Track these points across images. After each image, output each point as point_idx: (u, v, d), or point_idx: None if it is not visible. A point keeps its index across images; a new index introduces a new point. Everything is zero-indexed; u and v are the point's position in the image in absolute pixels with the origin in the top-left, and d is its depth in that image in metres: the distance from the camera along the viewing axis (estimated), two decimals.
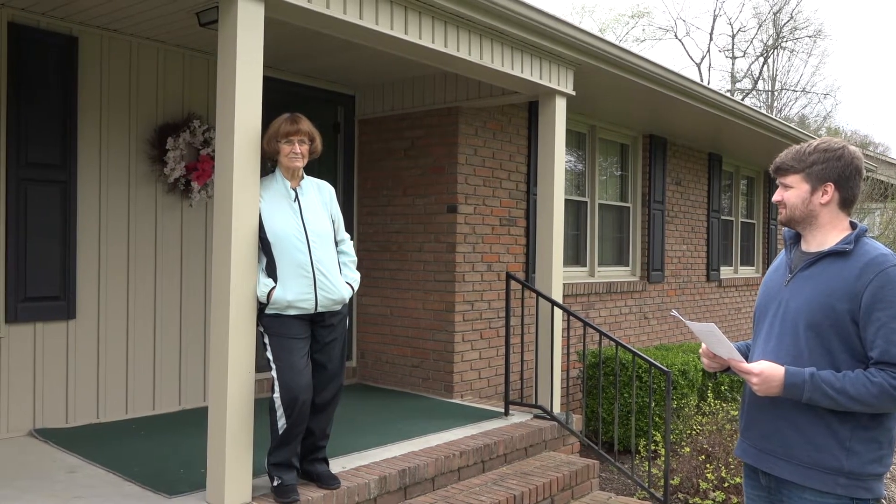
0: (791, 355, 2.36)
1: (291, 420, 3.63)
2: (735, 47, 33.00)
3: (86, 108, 4.96)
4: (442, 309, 6.27)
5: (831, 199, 2.42)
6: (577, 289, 7.63)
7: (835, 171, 2.41)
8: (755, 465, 2.48)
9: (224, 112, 3.59)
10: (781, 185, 2.49)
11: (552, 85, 5.52)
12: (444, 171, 6.27)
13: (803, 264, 2.42)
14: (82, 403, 5.00)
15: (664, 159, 8.98)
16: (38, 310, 4.75)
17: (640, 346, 8.50)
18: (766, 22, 32.12)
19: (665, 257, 9.07)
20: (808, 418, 2.33)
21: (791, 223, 2.48)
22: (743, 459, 2.54)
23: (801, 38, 32.45)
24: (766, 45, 32.04)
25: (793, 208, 2.45)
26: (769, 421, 2.41)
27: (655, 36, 41.62)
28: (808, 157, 2.43)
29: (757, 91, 32.34)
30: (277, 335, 3.66)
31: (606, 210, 8.44)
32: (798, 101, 35.53)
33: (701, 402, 7.32)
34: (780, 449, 2.38)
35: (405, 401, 6.06)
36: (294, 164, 3.73)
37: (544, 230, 5.68)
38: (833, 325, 2.28)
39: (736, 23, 39.88)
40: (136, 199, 5.24)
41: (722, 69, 42.97)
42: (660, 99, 6.95)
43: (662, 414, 6.53)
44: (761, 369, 2.32)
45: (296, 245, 3.65)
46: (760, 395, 2.35)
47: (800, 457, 2.34)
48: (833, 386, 2.24)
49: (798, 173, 2.45)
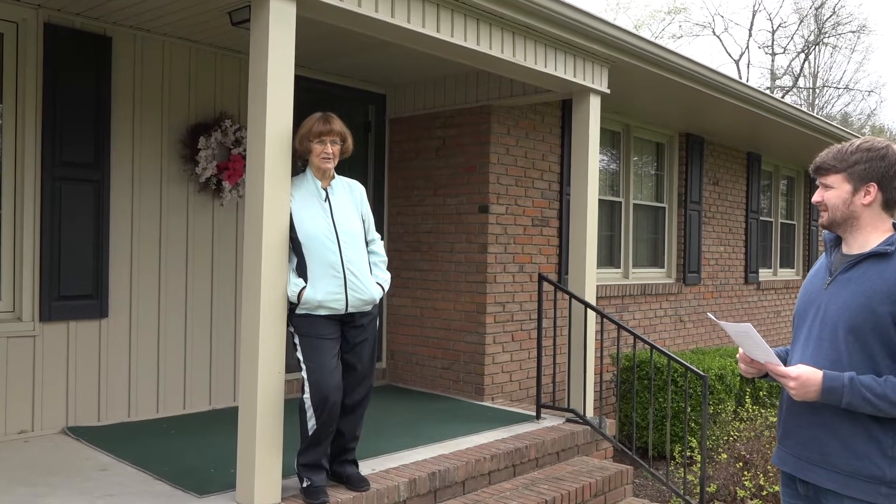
0: (830, 360, 2.33)
1: (321, 421, 3.67)
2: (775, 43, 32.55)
3: (119, 108, 5.05)
4: (473, 310, 6.28)
5: (874, 200, 2.38)
6: (610, 291, 7.59)
7: (878, 172, 2.37)
8: (793, 474, 2.45)
9: (256, 111, 3.63)
10: (822, 185, 2.45)
11: (586, 83, 5.50)
12: (475, 171, 6.28)
13: (843, 267, 2.39)
14: (114, 402, 5.09)
15: (701, 158, 8.89)
16: (72, 308, 4.85)
17: (675, 349, 8.43)
18: (807, 17, 31.66)
19: (702, 259, 8.99)
20: (848, 425, 2.29)
21: (832, 226, 2.45)
22: (781, 467, 2.51)
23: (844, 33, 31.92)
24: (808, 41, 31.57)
25: (833, 209, 2.42)
26: (807, 427, 2.38)
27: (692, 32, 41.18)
28: (851, 157, 2.40)
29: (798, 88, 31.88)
30: (308, 335, 3.70)
31: (641, 210, 8.39)
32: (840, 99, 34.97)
33: (739, 408, 7.24)
34: (819, 457, 2.35)
35: (435, 403, 6.08)
36: (325, 165, 3.76)
37: (577, 231, 5.66)
38: (874, 328, 2.25)
39: (776, 18, 39.39)
40: (168, 199, 5.32)
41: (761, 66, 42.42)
42: (697, 97, 6.89)
43: (698, 419, 6.48)
44: (799, 373, 2.29)
45: (326, 245, 3.68)
46: (798, 400, 2.32)
47: (839, 465, 2.30)
48: (874, 391, 2.21)
49: (839, 173, 2.41)
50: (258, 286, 3.58)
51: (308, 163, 3.83)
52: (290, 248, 3.71)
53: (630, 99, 7.11)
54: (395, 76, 6.47)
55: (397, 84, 6.73)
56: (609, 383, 7.44)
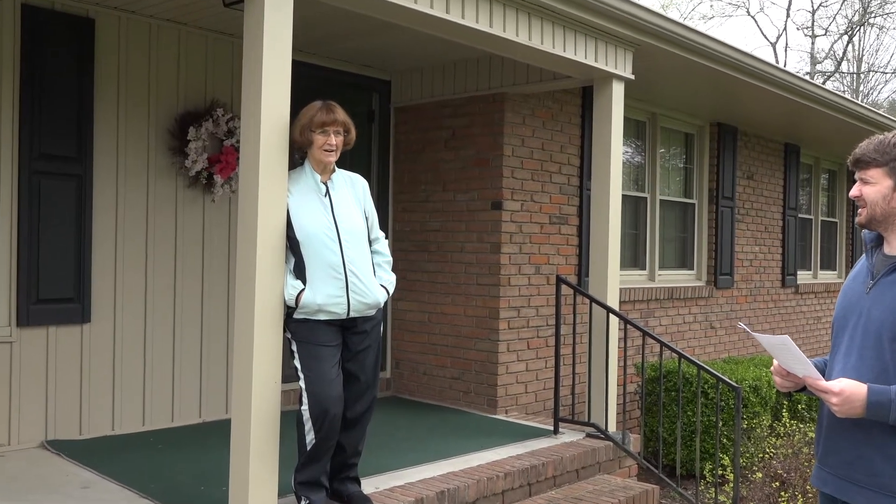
0: (874, 371, 2.31)
1: (321, 435, 3.68)
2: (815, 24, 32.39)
3: (102, 96, 5.08)
4: (485, 315, 6.28)
5: None
6: (635, 294, 7.58)
7: None
8: (835, 496, 2.43)
9: (250, 99, 3.65)
10: (860, 179, 2.43)
11: (608, 68, 5.50)
12: (488, 164, 6.29)
13: (886, 269, 2.38)
14: (97, 414, 5.12)
15: (734, 150, 8.87)
16: (52, 312, 4.88)
17: (705, 358, 8.41)
18: None
19: (735, 260, 8.96)
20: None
21: (871, 223, 2.43)
22: (820, 489, 2.49)
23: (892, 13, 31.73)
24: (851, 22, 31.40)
25: (873, 205, 2.40)
26: (852, 447, 2.36)
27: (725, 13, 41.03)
28: (893, 150, 2.38)
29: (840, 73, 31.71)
30: (306, 342, 3.71)
31: (668, 207, 8.37)
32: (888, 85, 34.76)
33: (775, 423, 7.22)
34: (866, 477, 2.33)
35: (444, 416, 6.09)
36: (328, 157, 3.77)
37: (599, 229, 5.66)
38: None
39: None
40: (156, 194, 5.35)
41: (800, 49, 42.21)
42: (730, 83, 6.87)
43: (731, 435, 6.46)
44: (841, 388, 2.27)
45: (326, 244, 3.69)
46: (840, 416, 2.30)
47: (889, 486, 2.29)
48: None
49: (881, 167, 2.40)
50: (252, 288, 3.59)
51: (307, 155, 3.84)
52: (287, 248, 3.73)
53: (657, 85, 7.09)
54: (401, 61, 6.48)
55: (403, 70, 6.74)
56: (633, 395, 7.43)
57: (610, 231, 5.61)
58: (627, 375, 7.00)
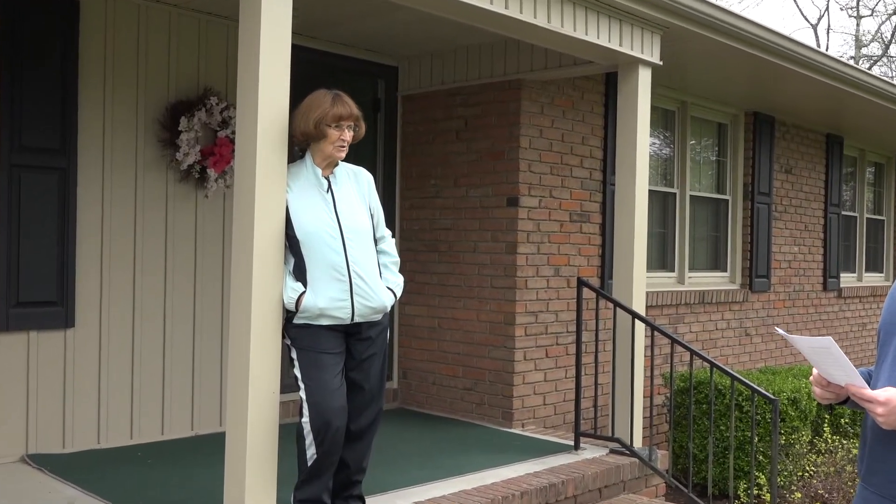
0: None
1: (323, 449, 3.69)
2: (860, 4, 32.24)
3: (88, 84, 5.11)
4: (500, 321, 6.29)
5: None
6: (662, 298, 7.57)
7: None
8: None
9: (246, 87, 3.66)
10: None
11: (634, 53, 5.49)
12: (503, 157, 6.29)
13: None
14: (81, 426, 5.15)
15: (771, 142, 8.84)
16: (32, 316, 4.91)
17: (739, 368, 8.39)
18: None
19: (772, 261, 8.94)
20: None
21: None
22: None
23: None
24: None
25: None
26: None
27: None
28: None
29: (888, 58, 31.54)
30: (307, 349, 3.72)
31: (699, 203, 8.35)
32: None
33: (815, 438, 7.19)
34: None
35: (455, 429, 6.10)
36: (340, 154, 3.77)
37: (623, 227, 5.65)
38: None
39: None
40: (145, 189, 5.38)
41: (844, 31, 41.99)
42: (766, 69, 6.85)
43: (767, 451, 6.44)
44: (888, 397, 2.27)
45: (328, 243, 3.71)
46: (887, 428, 2.30)
47: None
48: None
49: None
50: (249, 291, 3.61)
51: (308, 149, 3.84)
52: (286, 248, 3.74)
53: (687, 72, 7.08)
54: (409, 46, 6.49)
55: (411, 55, 6.75)
56: (661, 408, 7.42)
57: (636, 229, 5.61)
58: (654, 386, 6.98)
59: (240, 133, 3.71)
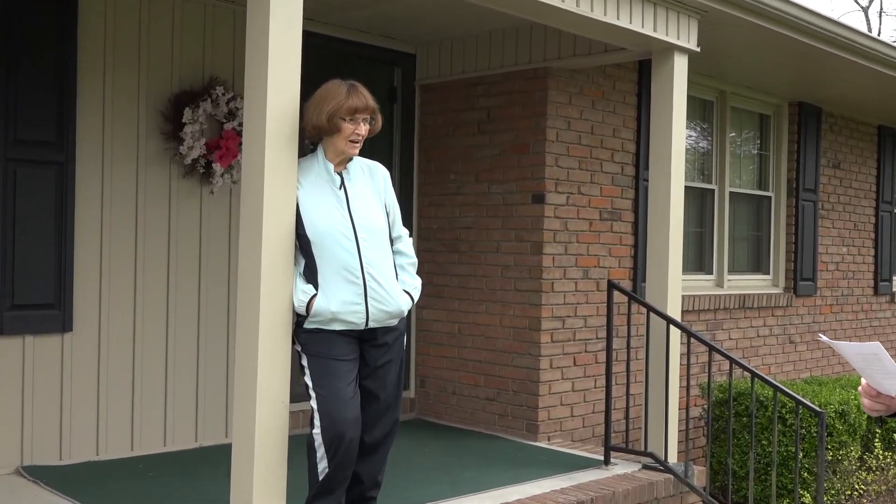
0: None
1: (335, 462, 3.70)
2: None
3: (86, 73, 5.14)
4: (524, 326, 6.28)
5: None
6: (700, 303, 7.54)
7: None
8: None
9: (254, 76, 3.68)
10: None
11: (669, 39, 5.47)
12: (528, 151, 6.28)
13: None
14: (79, 436, 5.18)
15: (818, 134, 8.78)
16: (28, 320, 4.95)
17: (783, 377, 8.35)
18: None
19: (818, 263, 8.88)
20: None
21: None
22: None
23: None
24: None
25: None
26: None
27: None
28: None
29: None
30: (318, 355, 3.73)
31: (740, 201, 8.31)
32: None
33: (865, 454, 7.14)
34: None
35: (476, 442, 6.10)
36: (353, 149, 3.76)
37: (658, 226, 5.64)
38: None
39: None
40: (146, 185, 5.41)
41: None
42: (813, 56, 6.80)
43: (813, 468, 6.40)
44: None
45: (341, 243, 3.71)
46: None
47: None
48: None
49: None
50: (257, 294, 3.62)
51: (320, 143, 3.84)
52: (296, 248, 3.75)
53: (726, 59, 7.05)
54: (428, 32, 6.50)
55: (430, 42, 6.76)
56: (698, 421, 7.38)
57: (671, 229, 5.59)
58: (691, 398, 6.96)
59: (247, 125, 3.72)
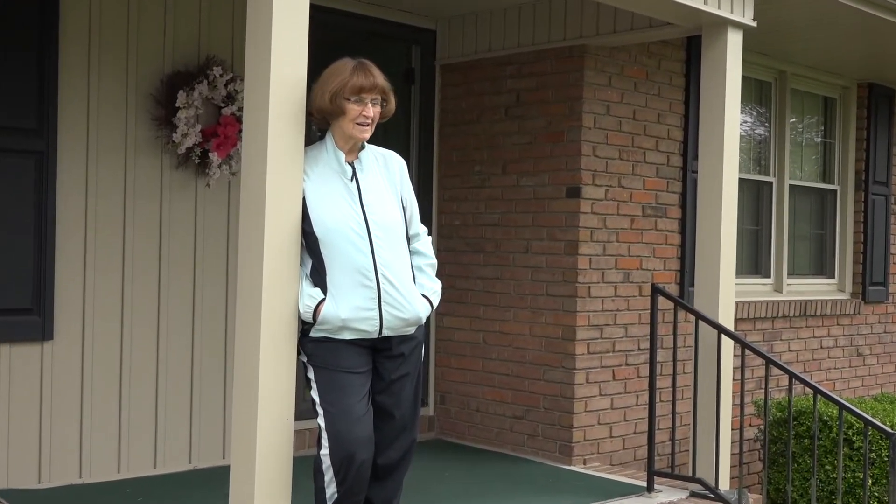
0: None
1: (345, 487, 3.70)
2: None
3: (69, 53, 5.16)
4: (558, 336, 6.27)
5: None
6: (755, 310, 7.51)
7: None
8: None
9: (256, 56, 3.68)
10: None
11: (722, 12, 5.45)
12: (562, 139, 6.28)
13: None
14: (60, 457, 5.21)
15: (890, 120, 8.73)
16: (3, 327, 4.97)
17: (849, 394, 8.30)
18: None
19: (889, 265, 8.83)
20: None
21: None
22: None
23: None
24: None
25: None
26: None
27: None
28: None
29: None
30: (326, 368, 3.73)
31: (801, 195, 8.28)
32: None
33: None
34: None
35: (503, 465, 6.09)
36: (362, 133, 3.76)
37: (708, 224, 5.62)
38: None
39: None
40: (136, 176, 5.43)
41: None
42: (884, 31, 6.76)
43: (884, 496, 6.37)
44: None
45: (353, 241, 3.71)
46: None
47: None
48: None
49: None
50: (258, 298, 3.63)
51: (328, 129, 3.85)
52: (302, 247, 3.76)
53: (786, 35, 7.02)
54: (450, 5, 6.50)
55: (452, 16, 6.76)
56: (753, 442, 7.35)
57: (723, 227, 5.57)
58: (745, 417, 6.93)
59: (248, 110, 3.73)
